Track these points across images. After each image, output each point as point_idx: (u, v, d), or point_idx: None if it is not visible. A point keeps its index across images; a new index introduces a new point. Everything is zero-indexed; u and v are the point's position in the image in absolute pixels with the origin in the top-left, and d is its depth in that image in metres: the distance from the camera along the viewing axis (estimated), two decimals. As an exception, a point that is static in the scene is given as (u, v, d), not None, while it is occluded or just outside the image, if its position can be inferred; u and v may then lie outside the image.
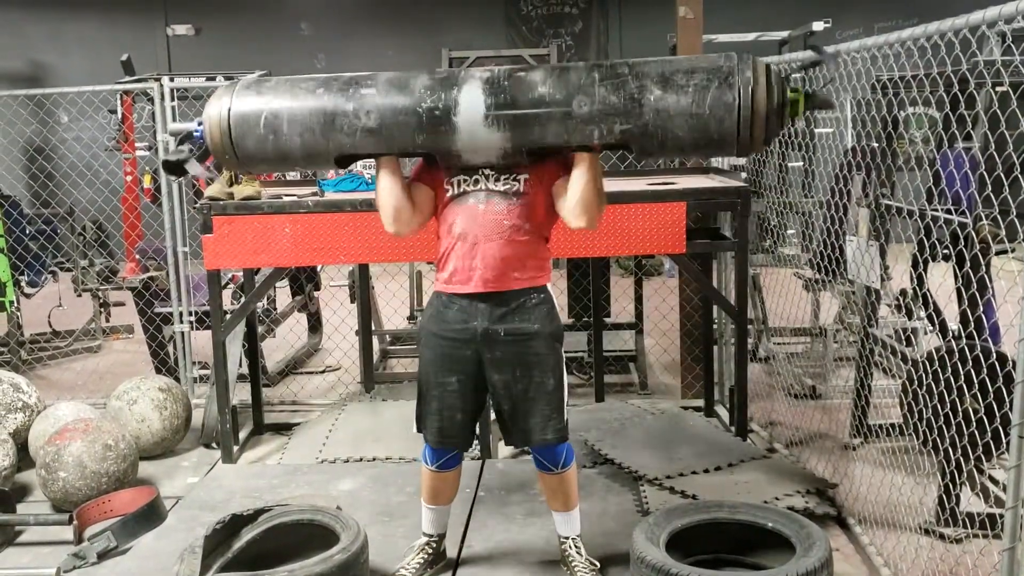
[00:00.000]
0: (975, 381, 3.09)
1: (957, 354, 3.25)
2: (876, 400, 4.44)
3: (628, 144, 2.74)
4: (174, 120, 5.16)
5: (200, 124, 2.93)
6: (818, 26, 8.44)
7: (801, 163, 8.06)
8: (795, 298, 5.04)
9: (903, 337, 4.78)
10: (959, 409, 3.17)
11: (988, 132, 3.20)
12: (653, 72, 2.66)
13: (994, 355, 3.22)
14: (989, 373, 3.01)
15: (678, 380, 5.31)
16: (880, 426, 4.28)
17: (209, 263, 4.16)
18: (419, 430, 3.12)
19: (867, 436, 4.31)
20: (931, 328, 4.25)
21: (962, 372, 3.13)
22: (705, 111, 2.59)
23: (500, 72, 2.75)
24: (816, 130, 7.22)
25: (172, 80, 5.56)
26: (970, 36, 2.63)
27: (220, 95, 2.89)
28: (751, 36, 9.36)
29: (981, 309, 3.51)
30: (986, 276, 3.72)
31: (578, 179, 2.80)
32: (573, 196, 2.81)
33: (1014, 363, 3.23)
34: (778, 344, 5.84)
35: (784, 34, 9.29)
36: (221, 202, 4.10)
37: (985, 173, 2.72)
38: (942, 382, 3.29)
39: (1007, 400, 2.78)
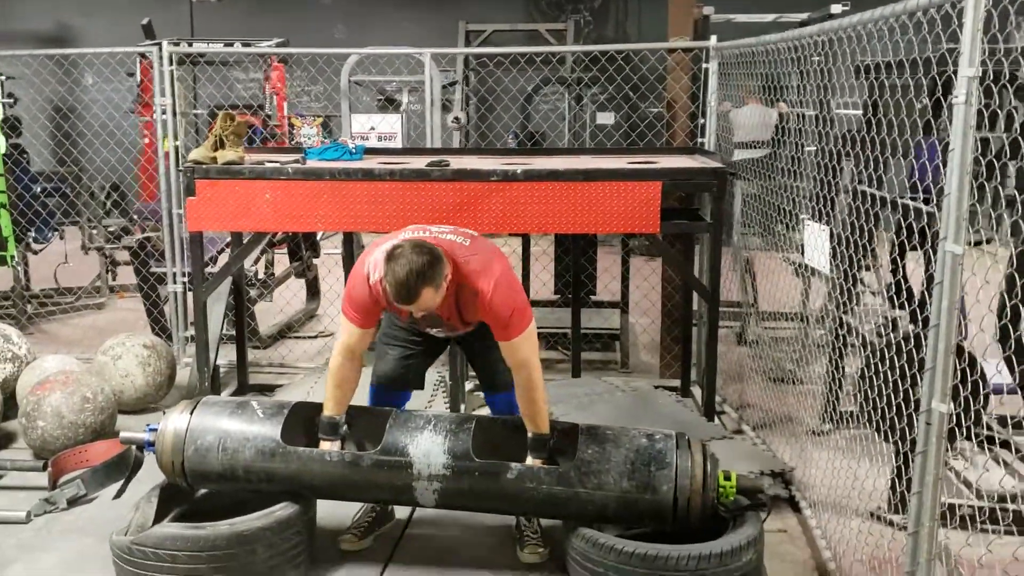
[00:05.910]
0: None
1: (913, 341, 3.24)
2: (850, 387, 4.43)
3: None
4: (171, 85, 5.24)
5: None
6: (836, 8, 8.31)
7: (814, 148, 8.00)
8: (787, 283, 5.01)
9: (888, 325, 4.74)
10: (912, 398, 3.18)
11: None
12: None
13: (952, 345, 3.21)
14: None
15: (659, 359, 5.33)
16: (851, 413, 4.27)
17: (192, 225, 4.26)
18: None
19: (838, 423, 4.31)
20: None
21: (916, 360, 3.13)
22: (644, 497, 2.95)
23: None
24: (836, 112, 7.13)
25: (176, 44, 5.65)
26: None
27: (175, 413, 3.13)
28: (770, 17, 9.23)
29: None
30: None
31: None
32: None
33: (967, 354, 3.24)
34: (767, 328, 5.82)
35: (804, 15, 9.15)
36: (204, 166, 4.19)
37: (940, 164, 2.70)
38: (897, 369, 3.29)
39: (963, 391, 2.80)
